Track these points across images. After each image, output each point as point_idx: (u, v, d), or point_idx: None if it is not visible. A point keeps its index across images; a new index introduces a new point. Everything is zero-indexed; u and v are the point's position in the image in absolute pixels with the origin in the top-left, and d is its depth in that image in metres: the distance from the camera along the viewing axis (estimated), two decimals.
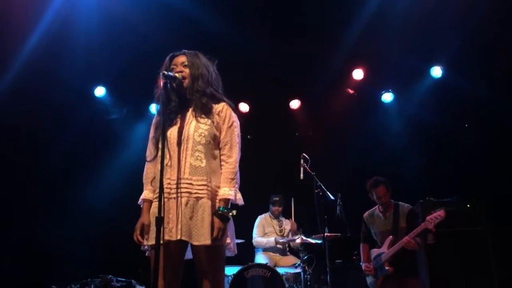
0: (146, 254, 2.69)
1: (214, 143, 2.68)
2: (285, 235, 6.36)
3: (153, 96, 2.82)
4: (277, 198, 6.45)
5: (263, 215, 6.58)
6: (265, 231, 6.43)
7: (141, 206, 2.73)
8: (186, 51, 2.80)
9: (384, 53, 6.50)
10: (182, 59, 2.75)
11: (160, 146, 2.58)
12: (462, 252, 5.28)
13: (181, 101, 2.72)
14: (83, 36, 5.86)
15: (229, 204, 2.59)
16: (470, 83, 6.33)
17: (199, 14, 5.63)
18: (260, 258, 6.15)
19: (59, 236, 6.46)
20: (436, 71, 6.83)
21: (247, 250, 6.26)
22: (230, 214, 2.55)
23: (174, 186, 2.56)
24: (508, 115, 6.22)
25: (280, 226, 6.45)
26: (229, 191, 2.60)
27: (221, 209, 2.53)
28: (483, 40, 6.04)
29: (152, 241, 2.52)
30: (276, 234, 6.36)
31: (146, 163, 2.78)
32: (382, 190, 4.68)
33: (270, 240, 6.20)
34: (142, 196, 2.73)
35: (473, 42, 6.01)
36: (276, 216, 6.49)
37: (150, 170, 2.75)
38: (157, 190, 2.59)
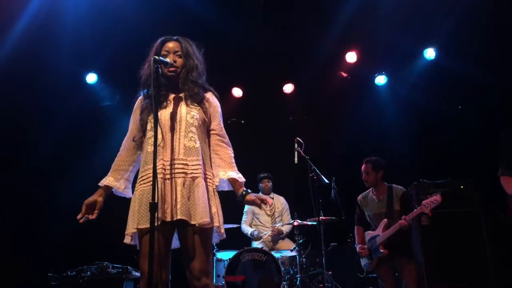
0: (125, 241, 2.63)
1: (203, 127, 2.71)
2: (275, 214, 6.31)
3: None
4: (265, 174, 6.41)
5: None
6: (255, 214, 6.36)
7: (101, 186, 2.70)
8: (179, 37, 2.77)
9: (377, 35, 6.47)
10: (175, 46, 2.73)
11: (148, 127, 2.65)
12: (456, 232, 5.33)
13: (171, 86, 2.73)
14: (73, 22, 5.78)
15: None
16: (463, 65, 6.32)
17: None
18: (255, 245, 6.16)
19: (54, 224, 6.44)
20: (430, 53, 6.80)
21: (241, 235, 6.27)
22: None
23: (168, 167, 2.56)
24: (501, 96, 6.23)
25: (271, 204, 6.31)
26: (237, 174, 2.69)
27: (246, 191, 2.65)
28: (476, 21, 6.01)
29: (142, 225, 2.52)
30: (266, 214, 6.33)
31: (123, 149, 2.77)
32: (367, 168, 4.70)
33: (253, 232, 6.11)
34: (105, 182, 2.69)
35: (467, 23, 5.98)
36: (266, 194, 6.31)
37: (124, 156, 2.75)
38: (147, 173, 2.58)
